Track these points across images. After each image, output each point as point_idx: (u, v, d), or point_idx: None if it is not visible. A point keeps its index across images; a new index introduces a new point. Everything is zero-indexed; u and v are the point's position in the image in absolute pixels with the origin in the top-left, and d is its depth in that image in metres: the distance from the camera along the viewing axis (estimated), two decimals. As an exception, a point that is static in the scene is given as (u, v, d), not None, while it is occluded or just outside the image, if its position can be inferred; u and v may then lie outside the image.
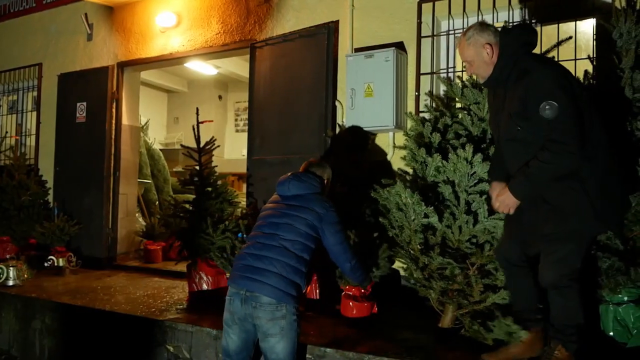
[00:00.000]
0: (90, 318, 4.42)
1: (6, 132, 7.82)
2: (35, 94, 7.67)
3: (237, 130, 11.63)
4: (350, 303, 3.97)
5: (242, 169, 5.94)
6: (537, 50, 3.86)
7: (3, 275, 5.21)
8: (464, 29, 2.97)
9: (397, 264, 4.03)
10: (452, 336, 3.47)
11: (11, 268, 5.25)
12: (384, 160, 4.71)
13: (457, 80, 3.85)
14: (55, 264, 5.97)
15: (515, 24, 4.19)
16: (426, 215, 3.38)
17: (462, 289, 3.39)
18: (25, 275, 5.39)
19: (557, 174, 2.57)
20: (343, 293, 4.05)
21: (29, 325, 4.72)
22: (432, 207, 3.35)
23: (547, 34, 4.19)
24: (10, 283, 5.22)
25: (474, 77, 3.62)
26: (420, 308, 3.76)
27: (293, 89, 5.21)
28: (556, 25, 4.11)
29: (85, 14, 6.95)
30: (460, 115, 3.71)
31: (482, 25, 2.83)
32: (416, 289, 3.67)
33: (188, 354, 3.86)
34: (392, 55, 4.51)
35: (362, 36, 4.95)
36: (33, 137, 7.54)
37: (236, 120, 11.76)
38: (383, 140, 4.77)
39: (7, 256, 5.81)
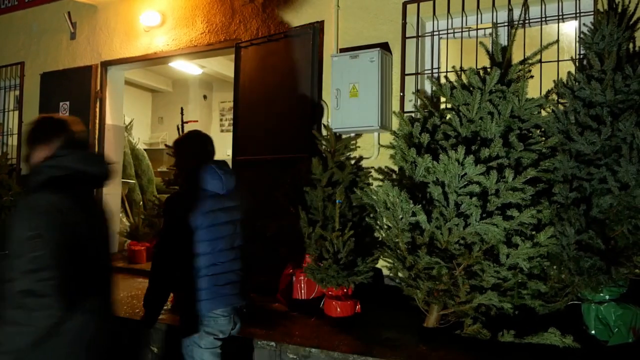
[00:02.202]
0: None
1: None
2: (17, 92, 7.55)
3: (222, 130, 11.56)
4: (334, 302, 3.98)
5: (227, 169, 5.91)
6: (520, 52, 3.92)
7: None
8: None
9: (381, 263, 4.03)
10: (437, 335, 3.48)
11: (-8, 269, 5.18)
12: (369, 160, 4.71)
13: (444, 80, 3.85)
14: (37, 265, 5.88)
15: (498, 25, 4.23)
16: (414, 214, 3.39)
17: (449, 289, 3.40)
18: (6, 277, 5.31)
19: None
20: (327, 293, 4.06)
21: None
22: (420, 206, 3.36)
23: (531, 36, 4.23)
24: (-9, 285, 5.14)
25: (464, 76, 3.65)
26: (405, 307, 3.77)
27: (278, 89, 5.19)
28: (539, 27, 4.16)
29: (68, 13, 6.87)
30: (448, 116, 3.70)
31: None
32: (401, 288, 3.68)
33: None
34: (377, 56, 4.52)
35: (347, 36, 4.95)
36: (15, 137, 7.42)
37: (221, 120, 11.69)
38: (368, 141, 4.77)
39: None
